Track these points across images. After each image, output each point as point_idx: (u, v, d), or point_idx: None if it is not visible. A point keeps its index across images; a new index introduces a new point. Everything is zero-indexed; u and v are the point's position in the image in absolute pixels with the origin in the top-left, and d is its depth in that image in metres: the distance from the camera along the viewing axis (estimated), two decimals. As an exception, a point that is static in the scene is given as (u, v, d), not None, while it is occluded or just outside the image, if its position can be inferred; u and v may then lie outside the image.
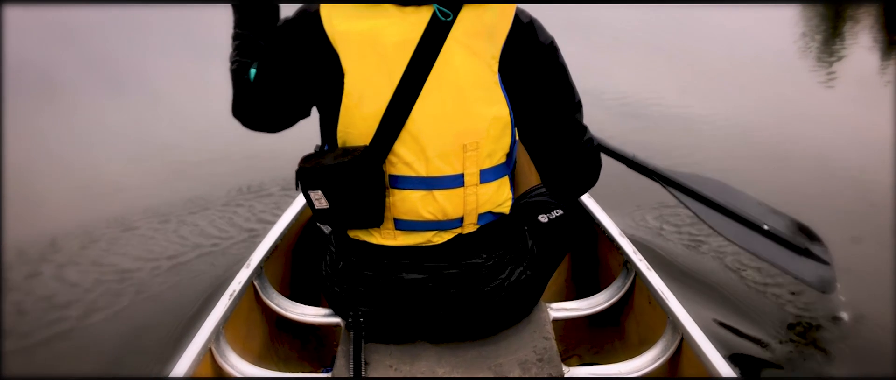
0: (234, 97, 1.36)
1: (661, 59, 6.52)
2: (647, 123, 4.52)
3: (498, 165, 1.29)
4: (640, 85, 5.40)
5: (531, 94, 1.26)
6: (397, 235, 1.30)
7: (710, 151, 3.92)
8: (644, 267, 1.64)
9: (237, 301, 1.56)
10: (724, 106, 4.87)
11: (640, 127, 4.39)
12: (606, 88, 5.12)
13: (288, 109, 1.32)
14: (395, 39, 1.17)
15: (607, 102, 4.86)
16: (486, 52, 1.19)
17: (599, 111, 4.42)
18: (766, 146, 4.02)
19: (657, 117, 4.65)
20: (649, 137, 4.09)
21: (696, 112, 4.73)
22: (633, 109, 4.84)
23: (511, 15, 1.21)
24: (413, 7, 1.17)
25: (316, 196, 1.26)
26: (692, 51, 6.80)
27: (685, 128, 4.44)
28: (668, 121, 4.57)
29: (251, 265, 1.66)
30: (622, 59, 6.43)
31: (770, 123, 4.45)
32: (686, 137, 4.24)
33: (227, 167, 3.72)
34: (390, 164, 1.24)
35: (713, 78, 5.80)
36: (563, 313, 1.58)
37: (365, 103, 1.20)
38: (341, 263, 1.38)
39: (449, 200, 1.26)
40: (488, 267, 1.34)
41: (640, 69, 6.08)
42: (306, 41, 1.21)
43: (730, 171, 3.22)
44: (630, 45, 7.06)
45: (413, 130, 1.21)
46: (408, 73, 1.18)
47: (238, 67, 1.35)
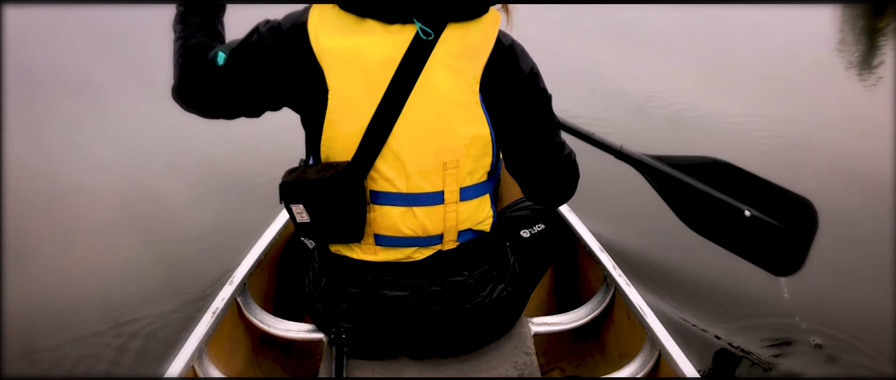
0: (184, 76, 1.29)
1: (711, 68, 6.04)
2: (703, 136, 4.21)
3: (479, 183, 1.31)
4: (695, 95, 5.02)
5: (511, 117, 1.28)
6: (378, 251, 1.32)
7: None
8: (623, 282, 1.67)
9: (220, 318, 1.57)
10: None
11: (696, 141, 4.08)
12: (651, 95, 4.87)
13: (258, 102, 1.30)
14: (379, 57, 1.19)
15: (653, 111, 4.62)
16: (467, 72, 1.21)
17: (641, 119, 4.33)
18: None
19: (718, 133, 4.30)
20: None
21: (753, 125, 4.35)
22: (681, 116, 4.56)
23: (493, 37, 1.23)
24: (398, 25, 1.19)
25: (297, 210, 1.28)
26: (742, 58, 6.29)
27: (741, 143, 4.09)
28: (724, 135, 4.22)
29: (234, 282, 1.66)
30: (668, 67, 5.97)
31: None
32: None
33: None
34: (371, 179, 1.26)
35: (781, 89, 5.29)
36: (544, 327, 1.61)
37: (348, 119, 1.22)
38: (324, 279, 1.39)
39: (428, 217, 1.28)
40: (469, 284, 1.36)
41: (690, 78, 5.67)
42: (293, 53, 1.22)
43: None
44: (670, 50, 6.62)
45: (394, 146, 1.22)
46: (390, 90, 1.19)
47: (196, 45, 1.30)
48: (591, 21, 7.41)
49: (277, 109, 1.33)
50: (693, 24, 7.87)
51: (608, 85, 5.17)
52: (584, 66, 5.72)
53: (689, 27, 7.65)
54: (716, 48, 6.62)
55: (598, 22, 7.43)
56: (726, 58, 6.27)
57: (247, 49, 1.25)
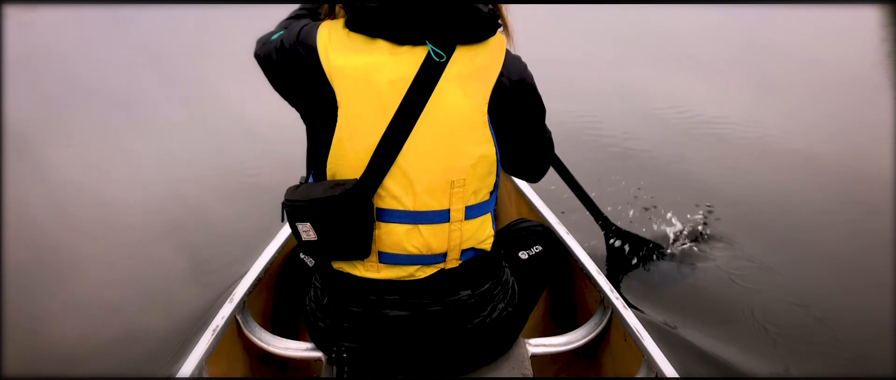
0: (256, 45, 1.39)
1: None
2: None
3: (482, 201, 1.33)
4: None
5: (513, 132, 1.34)
6: (381, 269, 1.33)
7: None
8: (620, 305, 1.68)
9: (220, 336, 1.57)
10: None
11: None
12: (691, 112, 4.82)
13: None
14: (390, 77, 1.21)
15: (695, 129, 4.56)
16: (477, 93, 1.24)
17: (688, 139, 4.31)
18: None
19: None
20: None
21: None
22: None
23: (501, 59, 1.27)
24: (408, 46, 1.22)
25: (304, 228, 1.29)
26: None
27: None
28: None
29: (234, 300, 1.67)
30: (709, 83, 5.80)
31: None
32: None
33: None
34: (379, 197, 1.27)
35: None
36: (542, 348, 1.62)
37: (357, 137, 1.23)
38: (326, 298, 1.40)
39: (434, 235, 1.29)
40: (471, 304, 1.37)
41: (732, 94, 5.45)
42: (302, 69, 1.25)
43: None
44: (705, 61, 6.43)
45: (403, 165, 1.24)
46: (401, 110, 1.22)
47: (286, 19, 1.43)
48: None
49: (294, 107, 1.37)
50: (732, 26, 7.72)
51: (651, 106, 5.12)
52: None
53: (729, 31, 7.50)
54: (758, 57, 6.47)
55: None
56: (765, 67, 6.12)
57: (268, 50, 1.31)
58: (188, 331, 2.33)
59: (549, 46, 6.04)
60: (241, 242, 2.89)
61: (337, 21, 1.27)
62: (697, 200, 3.27)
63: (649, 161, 3.95)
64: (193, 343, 1.53)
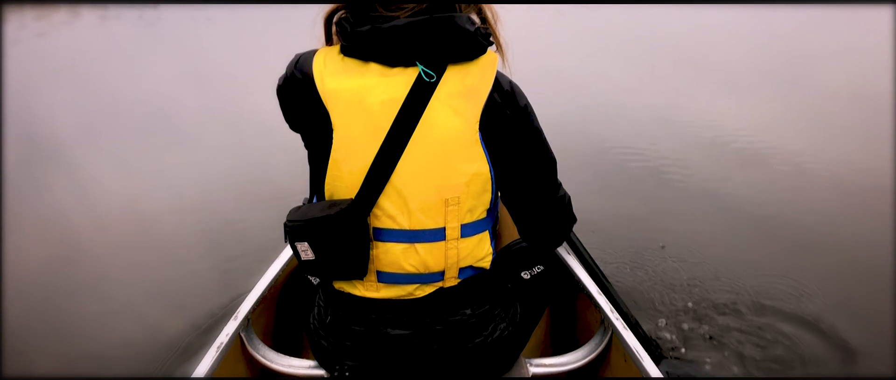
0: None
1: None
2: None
3: (479, 219, 1.34)
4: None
5: (508, 153, 1.33)
6: (380, 288, 1.35)
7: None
8: (621, 326, 1.69)
9: (224, 353, 1.59)
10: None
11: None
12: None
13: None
14: (382, 98, 1.24)
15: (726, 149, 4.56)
16: (467, 112, 1.26)
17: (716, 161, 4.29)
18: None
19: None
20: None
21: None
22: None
23: (491, 78, 1.28)
24: (399, 68, 1.25)
25: (302, 248, 1.31)
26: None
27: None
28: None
29: (238, 317, 1.69)
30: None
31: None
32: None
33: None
34: (375, 216, 1.29)
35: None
36: (542, 368, 1.62)
37: (352, 158, 1.26)
38: (329, 317, 1.42)
39: (430, 254, 1.31)
40: (472, 323, 1.39)
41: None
42: (302, 97, 1.29)
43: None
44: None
45: (397, 183, 1.27)
46: (393, 130, 1.24)
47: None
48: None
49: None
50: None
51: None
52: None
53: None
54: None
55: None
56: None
57: (280, 81, 1.34)
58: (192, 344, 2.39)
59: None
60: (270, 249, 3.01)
61: (333, 47, 1.31)
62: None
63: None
64: (198, 358, 1.54)
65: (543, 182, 1.39)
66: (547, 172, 1.39)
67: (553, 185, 1.41)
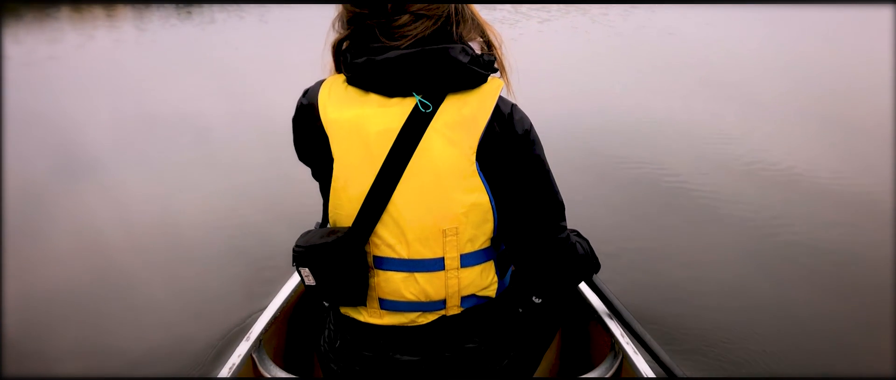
0: None
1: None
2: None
3: (480, 249, 1.33)
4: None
5: (506, 183, 1.29)
6: (383, 315, 1.36)
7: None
8: (631, 350, 1.67)
9: (236, 373, 1.62)
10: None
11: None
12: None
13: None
14: (378, 128, 1.24)
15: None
16: (463, 142, 1.24)
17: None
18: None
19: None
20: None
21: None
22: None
23: (490, 106, 1.25)
24: (398, 98, 1.25)
25: (305, 273, 1.33)
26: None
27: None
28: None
29: (251, 338, 1.72)
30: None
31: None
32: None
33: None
34: (374, 245, 1.30)
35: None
36: None
37: (350, 186, 1.27)
38: (338, 341, 1.43)
39: (430, 283, 1.31)
40: (481, 351, 1.38)
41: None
42: (309, 130, 1.31)
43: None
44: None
45: (394, 213, 1.27)
46: (389, 160, 1.24)
47: None
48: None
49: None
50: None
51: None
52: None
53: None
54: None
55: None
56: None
57: (295, 111, 1.36)
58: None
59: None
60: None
61: (339, 76, 1.32)
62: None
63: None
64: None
65: (542, 217, 1.32)
66: (547, 208, 1.32)
67: (554, 224, 1.34)
